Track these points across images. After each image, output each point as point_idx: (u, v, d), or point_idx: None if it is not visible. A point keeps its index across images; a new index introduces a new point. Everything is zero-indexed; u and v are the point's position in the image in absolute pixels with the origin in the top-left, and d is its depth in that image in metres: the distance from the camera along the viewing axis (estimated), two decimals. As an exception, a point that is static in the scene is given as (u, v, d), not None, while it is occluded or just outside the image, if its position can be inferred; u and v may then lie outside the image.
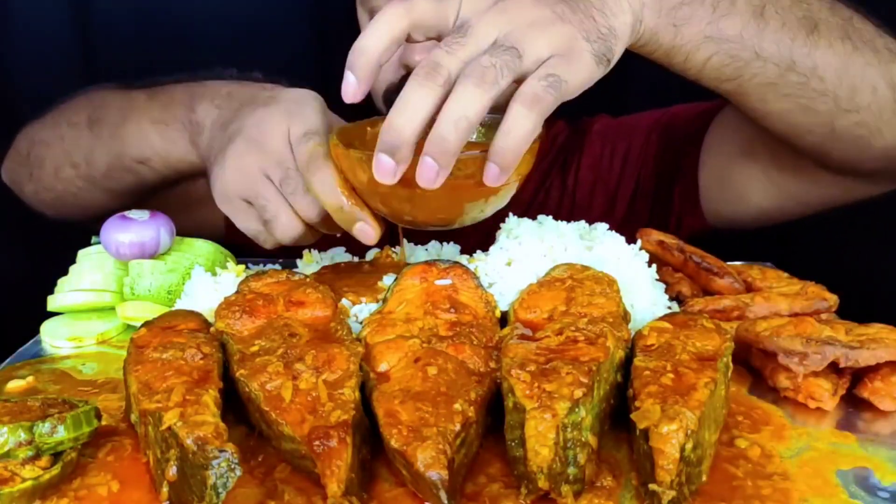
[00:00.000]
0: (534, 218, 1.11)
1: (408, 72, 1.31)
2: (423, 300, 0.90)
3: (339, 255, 1.17)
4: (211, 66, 1.29)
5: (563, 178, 1.60)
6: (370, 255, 1.16)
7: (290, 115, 1.02)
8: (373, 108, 1.74)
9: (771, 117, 1.12)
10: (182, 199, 1.36)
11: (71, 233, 1.32)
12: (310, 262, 1.15)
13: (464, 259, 1.05)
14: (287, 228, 1.01)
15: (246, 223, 1.04)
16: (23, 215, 1.88)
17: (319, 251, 1.18)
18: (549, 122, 1.59)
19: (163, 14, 1.90)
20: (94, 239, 1.17)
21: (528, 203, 1.58)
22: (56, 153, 1.35)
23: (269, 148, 1.00)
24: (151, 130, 1.22)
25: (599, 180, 1.58)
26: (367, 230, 0.96)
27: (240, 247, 1.22)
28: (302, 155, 0.97)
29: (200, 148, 1.15)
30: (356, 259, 1.16)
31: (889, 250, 2.03)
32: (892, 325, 0.84)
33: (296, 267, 1.16)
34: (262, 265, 1.17)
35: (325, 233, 1.04)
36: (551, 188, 1.60)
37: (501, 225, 1.10)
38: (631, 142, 1.58)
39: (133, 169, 1.26)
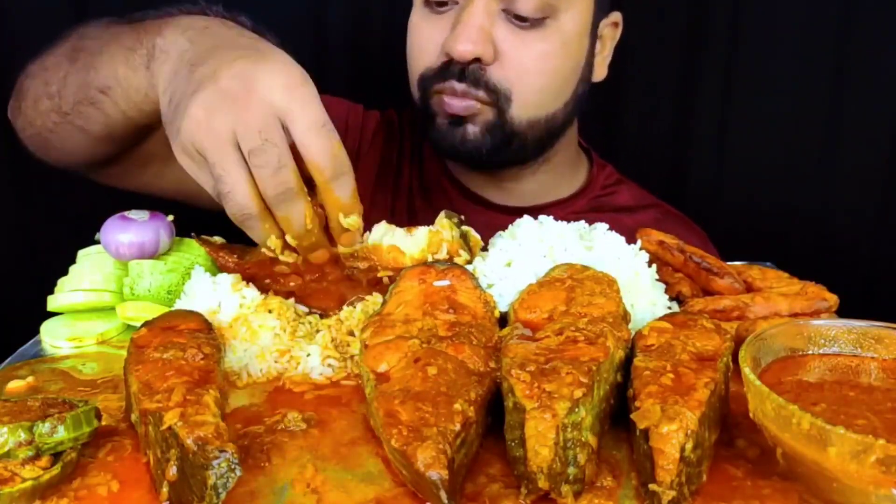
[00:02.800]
0: None
1: (448, 59, 1.34)
2: (422, 301, 0.90)
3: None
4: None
5: None
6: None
7: (290, 88, 0.91)
8: (377, 96, 1.73)
9: None
10: (148, 154, 1.30)
11: (71, 233, 1.32)
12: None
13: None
14: (241, 206, 0.91)
15: (207, 181, 0.94)
16: (23, 215, 1.89)
17: None
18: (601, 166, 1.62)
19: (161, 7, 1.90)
20: (96, 236, 1.17)
21: None
22: (37, 83, 1.27)
23: (248, 111, 0.89)
24: (120, 57, 1.12)
25: None
26: (323, 254, 1.00)
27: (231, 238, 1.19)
28: (327, 150, 0.90)
29: (157, 77, 1.04)
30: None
31: (889, 250, 2.03)
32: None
33: None
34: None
35: (264, 233, 0.95)
36: None
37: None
38: None
39: (96, 100, 1.16)
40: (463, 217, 1.09)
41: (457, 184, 1.56)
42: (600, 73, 1.51)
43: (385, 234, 1.04)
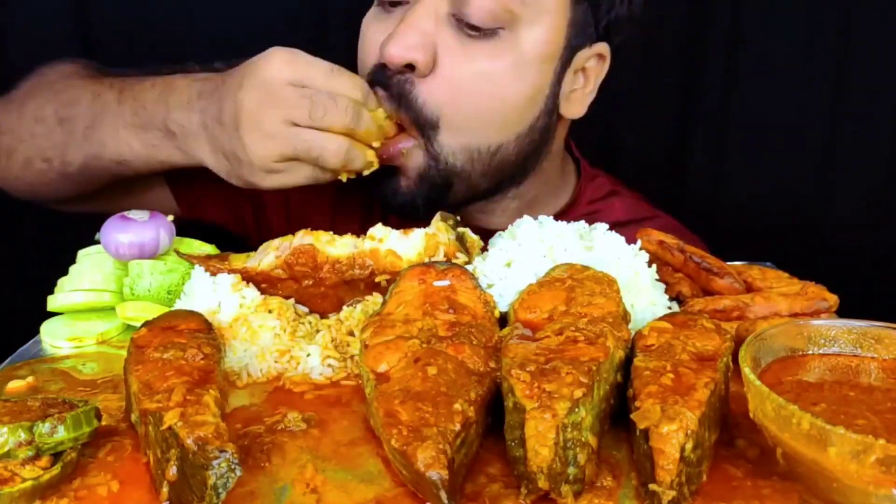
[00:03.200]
0: None
1: (382, 63, 1.20)
2: (422, 301, 0.90)
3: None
4: (184, 62, 1.31)
5: None
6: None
7: (289, 62, 1.11)
8: None
9: None
10: (143, 184, 1.38)
11: (71, 233, 1.32)
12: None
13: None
14: (339, 151, 1.09)
15: (301, 177, 1.13)
16: (23, 215, 1.89)
17: None
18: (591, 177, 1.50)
19: (161, 11, 1.90)
20: (96, 236, 1.17)
21: None
22: (27, 147, 1.32)
23: (278, 98, 1.07)
24: (129, 135, 1.23)
25: None
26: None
27: (234, 244, 1.21)
28: (350, 83, 1.12)
29: (194, 151, 1.18)
30: None
31: (889, 250, 2.03)
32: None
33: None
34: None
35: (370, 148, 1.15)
36: None
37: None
38: None
39: (111, 169, 1.28)
40: (459, 218, 1.07)
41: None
42: (576, 110, 1.32)
43: (382, 236, 1.03)
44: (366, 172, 1.19)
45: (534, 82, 1.23)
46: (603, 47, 1.29)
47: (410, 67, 1.18)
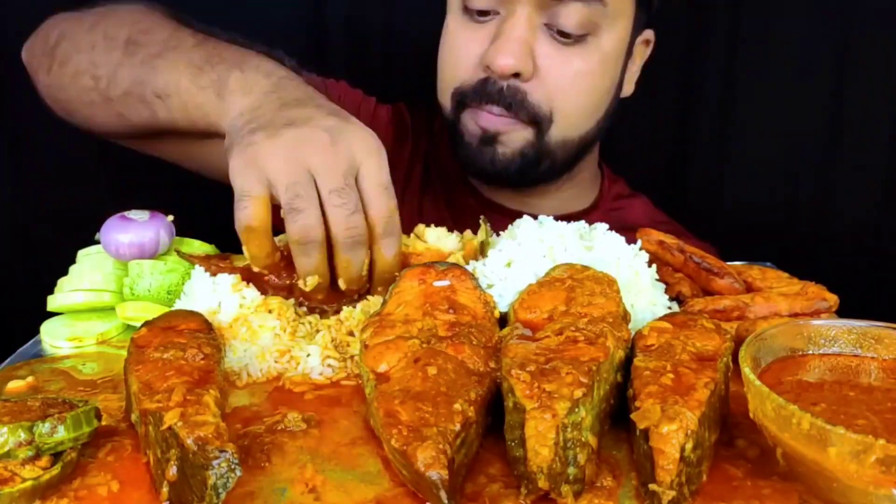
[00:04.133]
0: None
1: (486, 74, 1.30)
2: (422, 301, 0.90)
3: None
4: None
5: None
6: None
7: (370, 151, 1.00)
8: (375, 93, 1.71)
9: None
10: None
11: (71, 233, 1.32)
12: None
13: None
14: (309, 227, 0.95)
15: (246, 183, 0.96)
16: (23, 215, 1.89)
17: None
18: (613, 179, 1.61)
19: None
20: (96, 236, 1.17)
21: None
22: (82, 59, 1.29)
23: (335, 156, 0.96)
24: (185, 71, 1.18)
25: None
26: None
27: (230, 246, 1.21)
28: (386, 209, 0.98)
29: (230, 104, 1.10)
30: None
31: (889, 250, 2.03)
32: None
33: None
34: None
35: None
36: None
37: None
38: None
39: (150, 102, 1.22)
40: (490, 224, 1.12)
41: (475, 191, 1.53)
42: (628, 89, 1.49)
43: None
44: (307, 287, 1.01)
45: (613, 76, 1.41)
46: (649, 33, 1.48)
47: (516, 75, 1.30)
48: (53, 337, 1.05)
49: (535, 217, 1.13)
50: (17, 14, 1.83)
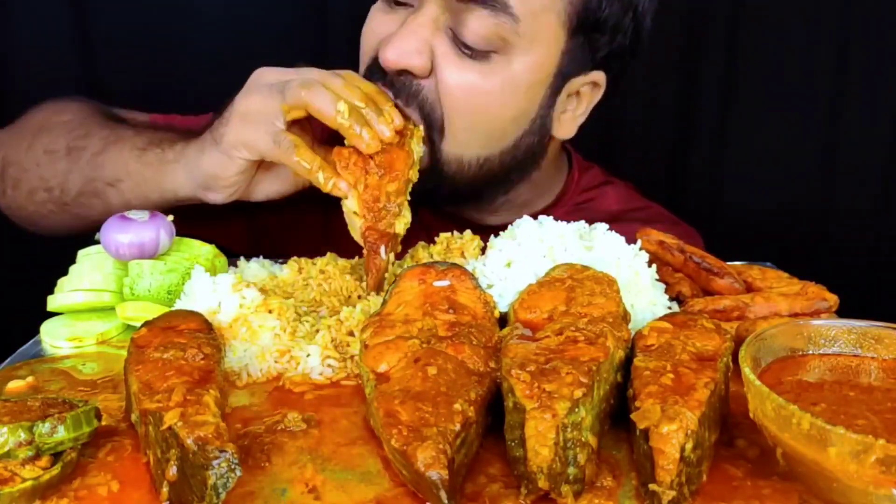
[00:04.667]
0: None
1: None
2: (422, 301, 0.90)
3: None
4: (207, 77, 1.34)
5: None
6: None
7: (270, 70, 1.18)
8: None
9: None
10: None
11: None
12: (293, 269, 1.15)
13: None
14: (307, 79, 1.13)
15: (260, 135, 1.12)
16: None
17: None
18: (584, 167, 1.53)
19: (163, 18, 1.91)
20: (96, 236, 1.17)
21: None
22: (31, 177, 1.37)
23: (269, 89, 1.13)
24: (130, 155, 1.25)
25: None
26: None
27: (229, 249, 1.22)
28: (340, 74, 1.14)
29: (184, 156, 1.21)
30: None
31: (889, 250, 2.03)
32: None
33: (281, 259, 1.20)
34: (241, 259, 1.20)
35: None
36: None
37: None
38: None
39: (102, 193, 1.29)
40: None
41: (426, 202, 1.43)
42: (566, 131, 1.35)
43: None
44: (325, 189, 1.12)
45: (520, 105, 1.26)
46: (598, 75, 1.32)
47: (405, 72, 1.21)
48: (53, 337, 1.05)
49: (494, 230, 1.11)
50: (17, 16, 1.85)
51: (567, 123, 1.34)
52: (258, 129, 1.12)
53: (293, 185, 1.23)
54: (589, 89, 1.33)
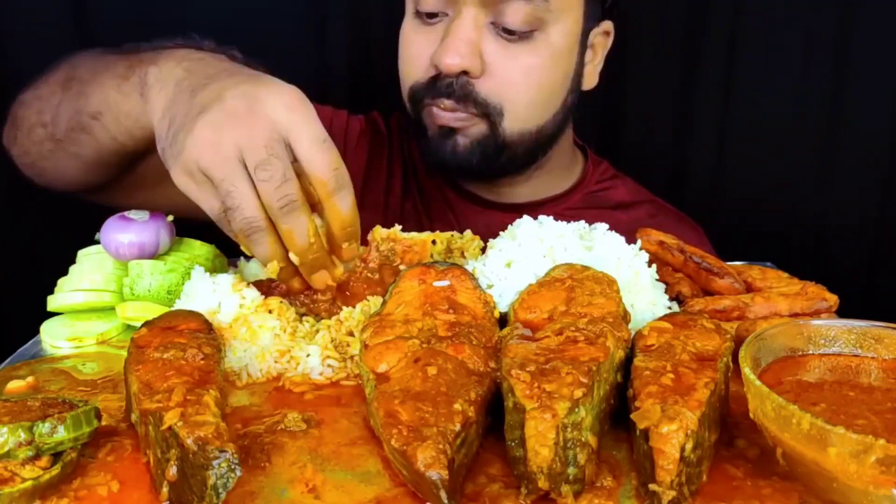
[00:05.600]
0: None
1: (437, 72, 1.34)
2: (422, 301, 0.90)
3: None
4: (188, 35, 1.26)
5: None
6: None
7: (292, 108, 0.94)
8: (379, 95, 1.73)
9: None
10: (141, 178, 1.31)
11: (71, 233, 1.32)
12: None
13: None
14: (250, 219, 0.92)
15: (208, 202, 0.95)
16: (23, 216, 1.89)
17: None
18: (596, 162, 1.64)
19: (160, 6, 1.90)
20: (96, 236, 1.17)
21: None
22: (31, 114, 1.31)
23: (254, 128, 0.91)
24: (111, 84, 1.17)
25: None
26: (325, 277, 0.98)
27: (229, 246, 1.21)
28: (329, 164, 0.93)
29: (151, 104, 1.07)
30: None
31: (889, 250, 2.03)
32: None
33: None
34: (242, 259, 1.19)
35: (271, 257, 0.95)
36: None
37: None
38: None
39: (88, 126, 1.20)
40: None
41: (452, 184, 1.57)
42: (590, 81, 1.50)
43: None
44: (268, 274, 0.98)
45: (566, 69, 1.42)
46: (607, 24, 1.48)
47: (464, 73, 1.33)
48: (53, 337, 1.05)
49: (517, 208, 1.16)
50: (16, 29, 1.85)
51: (590, 74, 1.49)
52: (209, 195, 0.96)
53: (211, 214, 1.07)
54: (602, 38, 1.48)
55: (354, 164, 1.57)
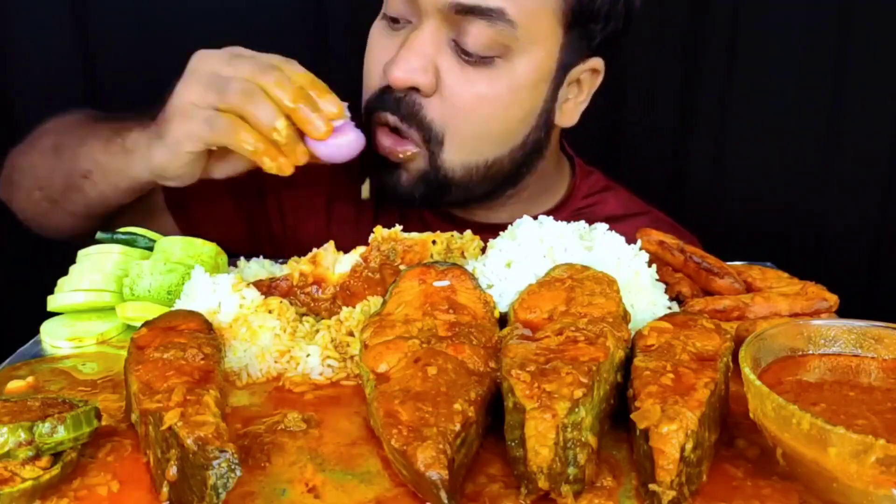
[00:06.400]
0: None
1: (387, 84, 1.25)
2: (422, 301, 0.90)
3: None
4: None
5: None
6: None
7: (208, 54, 1.14)
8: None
9: None
10: (146, 208, 1.41)
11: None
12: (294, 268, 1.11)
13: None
14: (242, 83, 1.08)
15: (209, 121, 1.10)
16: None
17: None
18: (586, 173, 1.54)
19: (162, 17, 1.91)
20: (96, 236, 1.17)
21: None
22: (27, 178, 1.41)
23: (199, 82, 1.12)
24: (97, 146, 1.27)
25: None
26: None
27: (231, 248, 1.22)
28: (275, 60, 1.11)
29: (138, 144, 1.20)
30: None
31: (889, 250, 2.04)
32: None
33: (281, 260, 1.19)
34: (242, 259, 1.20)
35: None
36: None
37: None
38: None
39: (79, 185, 1.30)
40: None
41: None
42: (569, 119, 1.37)
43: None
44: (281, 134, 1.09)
45: (527, 104, 1.30)
46: (597, 62, 1.34)
47: (414, 89, 1.23)
48: (53, 337, 1.05)
49: (496, 228, 1.12)
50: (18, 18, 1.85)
51: (569, 111, 1.37)
52: (196, 121, 1.11)
53: (250, 162, 1.17)
54: (588, 76, 1.35)
55: (324, 174, 1.45)
